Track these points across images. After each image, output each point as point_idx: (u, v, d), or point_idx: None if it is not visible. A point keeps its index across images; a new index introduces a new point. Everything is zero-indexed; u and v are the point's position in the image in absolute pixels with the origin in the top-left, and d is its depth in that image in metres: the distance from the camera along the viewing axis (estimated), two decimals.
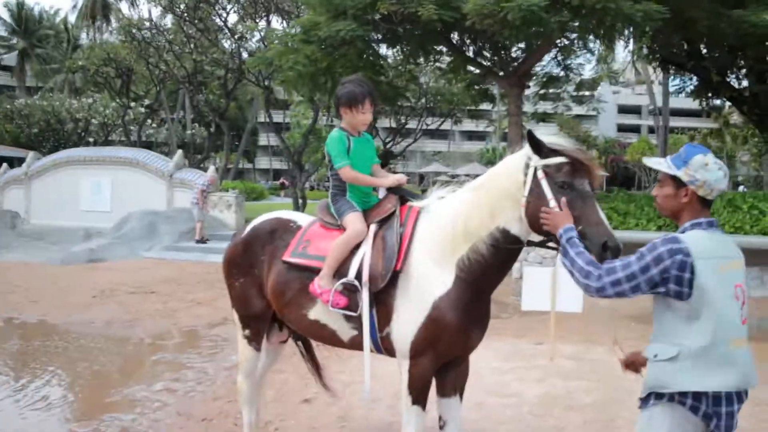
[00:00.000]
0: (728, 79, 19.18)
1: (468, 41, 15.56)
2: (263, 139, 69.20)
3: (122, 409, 5.43)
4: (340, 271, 3.45)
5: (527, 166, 2.99)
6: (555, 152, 2.92)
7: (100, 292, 10.96)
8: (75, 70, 36.46)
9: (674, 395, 2.42)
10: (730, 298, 2.40)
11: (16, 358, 7.31)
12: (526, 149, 3.01)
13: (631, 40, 17.85)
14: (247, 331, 4.06)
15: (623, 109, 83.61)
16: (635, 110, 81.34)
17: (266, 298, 3.88)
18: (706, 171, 2.47)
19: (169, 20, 29.40)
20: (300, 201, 26.03)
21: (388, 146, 27.39)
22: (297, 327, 3.90)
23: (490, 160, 55.39)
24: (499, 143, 50.19)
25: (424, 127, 30.13)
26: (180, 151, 21.26)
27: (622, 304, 10.11)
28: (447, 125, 34.02)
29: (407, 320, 3.29)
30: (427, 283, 3.26)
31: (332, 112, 28.26)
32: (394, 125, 28.13)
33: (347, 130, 3.69)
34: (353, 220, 3.55)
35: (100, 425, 5.06)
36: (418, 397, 3.35)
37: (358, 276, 3.38)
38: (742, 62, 18.12)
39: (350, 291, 3.39)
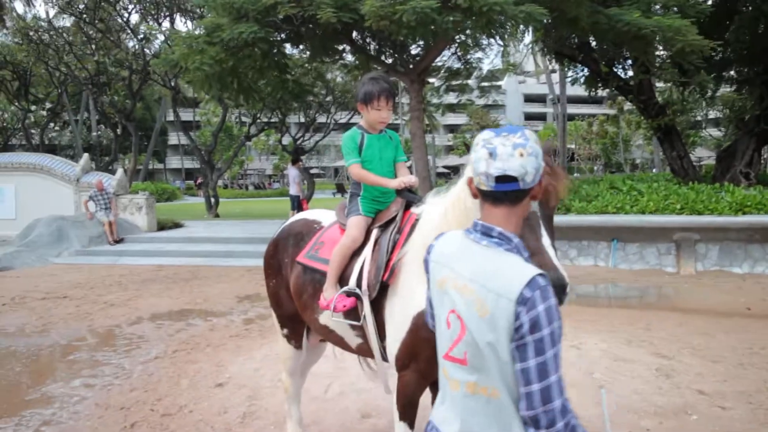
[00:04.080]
0: (616, 70, 20.52)
1: (369, 40, 16.11)
2: (173, 138, 67.93)
3: (42, 405, 5.71)
4: (343, 278, 3.43)
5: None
6: None
7: (10, 300, 10.93)
8: None
9: None
10: (443, 321, 1.95)
11: None
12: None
13: (527, 36, 18.86)
14: (285, 330, 4.15)
15: (529, 98, 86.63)
16: (541, 99, 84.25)
17: None
18: (474, 152, 1.93)
19: (68, 20, 28.72)
20: (212, 200, 26.10)
21: (298, 142, 27.67)
22: (313, 329, 3.91)
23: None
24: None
25: (334, 121, 30.64)
26: (86, 155, 20.96)
27: None
28: (358, 119, 34.66)
29: (392, 335, 3.17)
30: (410, 297, 3.05)
31: (241, 110, 28.40)
32: (303, 121, 28.45)
33: (364, 128, 3.63)
34: (352, 224, 3.52)
35: (22, 420, 5.34)
36: (404, 413, 3.18)
37: (360, 283, 3.31)
38: (628, 54, 19.44)
39: (351, 298, 3.34)
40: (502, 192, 1.87)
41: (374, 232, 3.46)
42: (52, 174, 19.43)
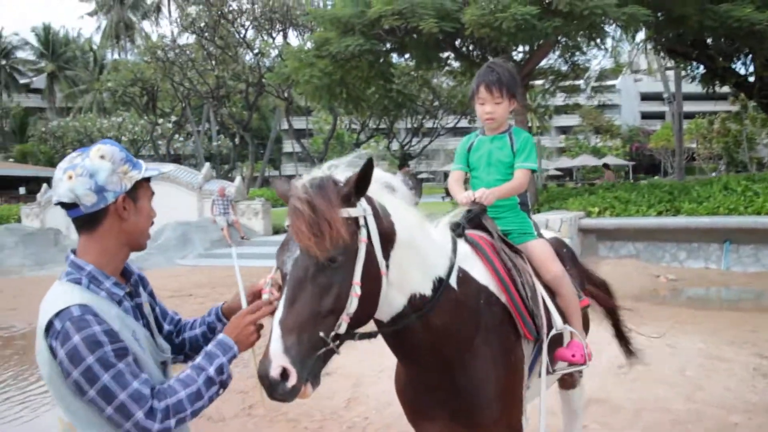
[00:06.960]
0: (734, 66, 19.63)
1: (471, 47, 16.40)
2: (288, 146, 70.26)
3: None
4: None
5: None
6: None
7: None
8: (103, 91, 38.05)
9: None
10: None
11: None
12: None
13: (638, 35, 18.41)
14: None
15: (646, 97, 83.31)
16: (658, 97, 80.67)
17: None
18: None
19: (190, 38, 30.77)
20: None
21: (406, 147, 28.29)
22: None
23: None
24: None
25: (442, 126, 31.01)
26: (207, 164, 22.42)
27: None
28: (465, 123, 34.86)
29: None
30: None
31: (351, 118, 29.34)
32: (411, 126, 29.04)
33: (483, 129, 3.09)
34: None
35: None
36: None
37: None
38: (747, 49, 18.56)
39: None
40: (74, 219, 1.85)
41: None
42: (177, 182, 20.93)
